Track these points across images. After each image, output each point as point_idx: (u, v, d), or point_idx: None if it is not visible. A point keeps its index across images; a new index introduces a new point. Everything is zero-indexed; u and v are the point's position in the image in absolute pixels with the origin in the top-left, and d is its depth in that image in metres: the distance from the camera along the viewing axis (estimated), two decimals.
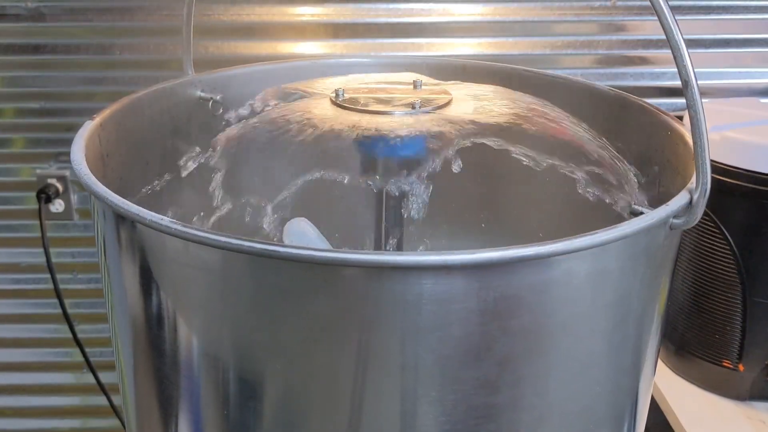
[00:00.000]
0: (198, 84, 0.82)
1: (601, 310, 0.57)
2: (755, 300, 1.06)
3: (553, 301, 0.55)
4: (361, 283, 0.52)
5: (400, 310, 0.52)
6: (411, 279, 0.52)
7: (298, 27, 1.28)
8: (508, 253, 0.51)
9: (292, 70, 0.87)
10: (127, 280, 0.60)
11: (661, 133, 0.74)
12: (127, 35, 1.29)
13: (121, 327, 0.64)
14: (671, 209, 0.58)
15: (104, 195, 0.57)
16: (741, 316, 1.07)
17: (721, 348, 1.09)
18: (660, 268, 0.61)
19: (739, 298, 1.06)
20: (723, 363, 1.10)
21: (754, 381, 1.08)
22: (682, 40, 0.56)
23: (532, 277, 0.53)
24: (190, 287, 0.57)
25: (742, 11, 1.30)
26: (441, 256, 0.51)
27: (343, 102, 0.70)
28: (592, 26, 1.30)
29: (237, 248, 0.52)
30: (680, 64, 0.57)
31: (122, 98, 0.74)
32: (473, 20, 1.29)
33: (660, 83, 1.32)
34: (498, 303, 0.53)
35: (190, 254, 0.55)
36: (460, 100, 0.72)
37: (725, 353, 1.09)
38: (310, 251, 0.51)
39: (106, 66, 1.30)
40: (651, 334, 0.63)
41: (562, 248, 0.52)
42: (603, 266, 0.56)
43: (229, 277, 0.55)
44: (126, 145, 0.74)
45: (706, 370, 1.11)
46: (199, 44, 1.26)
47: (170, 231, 0.53)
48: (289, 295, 0.53)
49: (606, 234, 0.54)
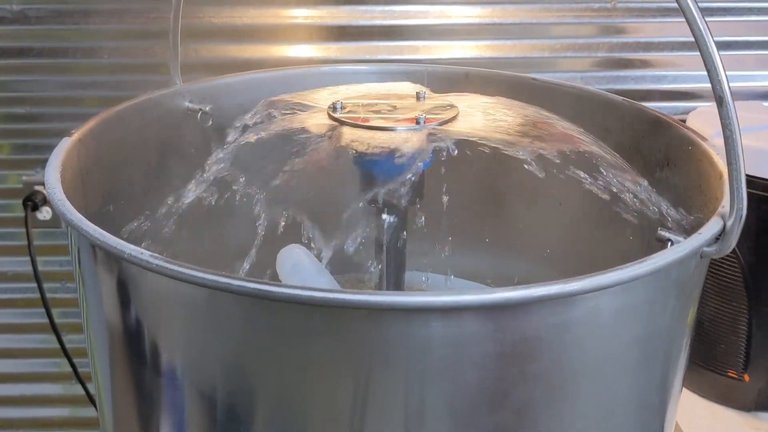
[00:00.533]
0: (186, 94, 0.75)
1: (627, 350, 0.51)
2: (761, 309, 1.02)
3: (577, 342, 0.48)
4: (364, 326, 0.46)
5: (407, 354, 0.46)
6: (419, 321, 0.45)
7: (292, 29, 1.23)
8: (528, 293, 0.45)
9: (286, 79, 0.80)
10: (107, 315, 0.53)
11: (680, 147, 0.67)
12: (115, 38, 1.23)
13: (101, 363, 0.57)
14: (704, 238, 0.51)
15: (79, 225, 0.50)
16: (746, 325, 1.04)
17: (726, 358, 1.05)
18: (689, 299, 0.55)
19: (744, 307, 1.02)
20: (728, 373, 1.06)
21: (759, 391, 1.05)
22: (717, 55, 0.49)
23: (554, 317, 0.47)
24: (175, 325, 0.50)
25: (744, 13, 1.26)
26: (452, 297, 0.44)
27: (342, 117, 0.63)
28: (591, 28, 1.26)
29: (225, 287, 0.45)
30: (714, 79, 0.50)
31: (104, 111, 0.67)
32: (471, 23, 1.24)
33: (661, 86, 1.27)
34: (516, 346, 0.47)
35: (173, 291, 0.48)
36: (466, 114, 0.65)
37: (730, 363, 1.05)
38: (308, 292, 0.44)
39: (93, 70, 1.24)
40: (678, 369, 0.56)
41: (588, 285, 0.46)
42: (631, 302, 0.49)
43: (217, 317, 0.48)
44: (108, 160, 0.67)
45: (711, 381, 1.07)
46: (189, 48, 1.21)
47: (151, 267, 0.47)
48: (284, 337, 0.47)
49: (636, 268, 0.47)
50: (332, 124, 0.62)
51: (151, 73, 1.22)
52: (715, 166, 0.61)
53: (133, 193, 0.67)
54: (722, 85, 0.50)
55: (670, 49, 1.27)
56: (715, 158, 0.62)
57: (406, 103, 0.66)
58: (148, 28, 1.21)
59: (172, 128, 0.74)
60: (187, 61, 1.23)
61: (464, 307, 0.45)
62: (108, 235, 0.49)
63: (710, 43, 0.49)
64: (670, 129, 0.70)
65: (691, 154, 0.66)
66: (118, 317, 0.52)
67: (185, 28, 1.23)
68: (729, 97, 0.50)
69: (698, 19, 0.49)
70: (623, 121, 0.74)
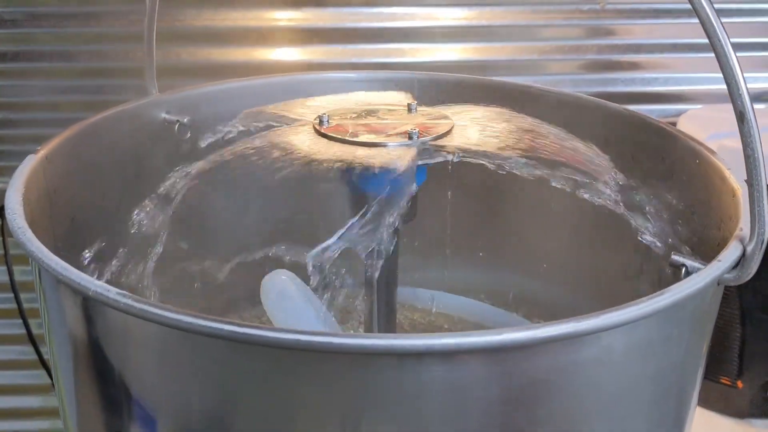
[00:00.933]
0: (162, 105, 0.69)
1: (641, 387, 0.46)
2: (754, 315, 0.99)
3: (588, 383, 0.43)
4: (356, 370, 0.40)
5: (403, 401, 0.41)
6: (418, 366, 0.40)
7: (275, 32, 1.18)
8: (538, 333, 0.40)
9: (269, 88, 0.74)
10: (75, 355, 0.48)
11: (686, 160, 0.62)
12: (93, 42, 1.17)
13: (68, 401, 0.51)
14: (724, 265, 0.46)
15: (41, 257, 0.45)
16: (740, 332, 1.01)
17: (719, 365, 1.02)
18: (704, 329, 0.50)
19: (737, 313, 0.99)
20: (721, 380, 1.02)
21: (753, 398, 1.02)
22: (738, 68, 0.44)
23: (564, 357, 0.42)
24: (146, 368, 0.45)
25: (735, 14, 1.22)
26: (454, 339, 0.39)
27: (329, 131, 0.57)
28: (580, 30, 1.22)
29: (201, 330, 0.39)
30: (735, 93, 0.45)
31: (73, 125, 0.62)
32: (458, 25, 1.19)
33: (651, 89, 1.23)
34: (524, 389, 0.41)
35: (142, 332, 0.42)
36: (460, 127, 0.60)
37: (724, 370, 1.02)
38: (291, 335, 0.39)
39: (72, 74, 1.18)
40: (692, 402, 0.52)
41: (603, 323, 0.41)
42: (647, 337, 0.44)
43: (192, 360, 0.42)
44: (79, 178, 0.61)
45: (705, 388, 1.03)
46: (170, 51, 1.16)
47: (119, 306, 0.41)
48: (266, 383, 0.41)
49: (653, 302, 0.42)
50: (319, 140, 0.56)
51: (131, 77, 1.16)
52: (727, 182, 0.56)
53: (107, 213, 0.61)
54: (743, 100, 0.45)
55: (660, 51, 1.23)
56: (727, 174, 0.57)
57: (397, 116, 0.61)
58: (127, 31, 1.15)
59: (149, 141, 0.68)
60: (167, 65, 1.18)
61: (468, 350, 0.39)
62: (72, 270, 0.43)
63: (731, 57, 0.44)
64: (674, 140, 0.65)
65: (698, 168, 0.61)
66: (87, 358, 0.47)
67: (165, 31, 1.18)
68: (751, 113, 0.45)
69: (719, 32, 0.44)
70: (624, 130, 0.69)
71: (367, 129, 0.57)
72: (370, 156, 0.54)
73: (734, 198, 0.54)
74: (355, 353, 0.39)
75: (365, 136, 0.56)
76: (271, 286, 0.56)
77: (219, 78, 1.00)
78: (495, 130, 0.60)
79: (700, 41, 1.21)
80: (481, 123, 0.61)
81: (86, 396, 0.49)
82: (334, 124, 0.58)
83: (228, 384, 0.42)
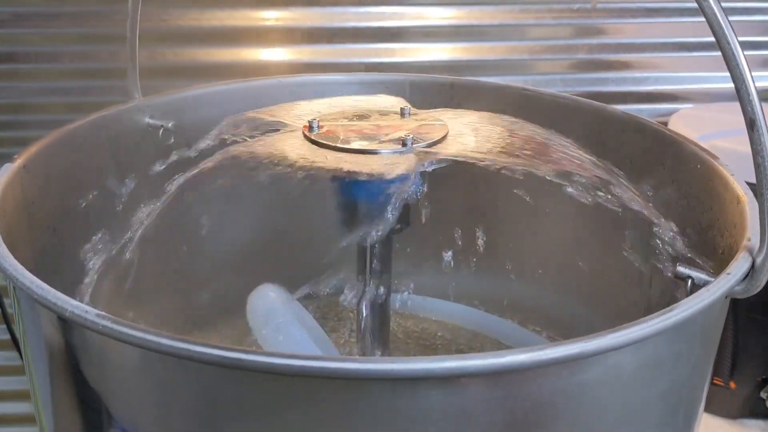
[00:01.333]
0: (146, 109, 0.66)
1: (649, 406, 0.43)
2: (747, 316, 0.98)
3: (595, 405, 0.40)
4: (347, 397, 0.37)
5: (401, 426, 0.38)
6: (415, 392, 0.37)
7: (263, 32, 1.14)
8: (543, 355, 0.37)
9: (256, 91, 0.70)
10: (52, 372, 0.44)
11: (687, 165, 0.60)
12: (79, 42, 1.14)
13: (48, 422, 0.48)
14: (734, 278, 0.43)
15: (15, 275, 0.41)
16: (732, 332, 1.00)
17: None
18: (713, 342, 0.47)
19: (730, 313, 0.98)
20: (714, 380, 1.00)
21: (745, 398, 1.01)
22: (748, 73, 0.41)
23: (570, 378, 0.39)
24: (126, 391, 0.41)
25: (726, 14, 1.19)
26: (455, 362, 0.36)
27: (319, 137, 0.54)
28: (571, 30, 1.19)
29: (184, 354, 0.36)
30: (745, 99, 0.42)
31: (53, 131, 0.58)
32: (448, 24, 1.16)
33: (642, 88, 1.21)
34: (528, 414, 0.39)
35: (123, 355, 0.39)
36: (455, 133, 0.57)
37: (716, 370, 1.00)
38: (280, 359, 0.36)
39: (57, 76, 1.15)
40: (699, 416, 0.49)
41: (611, 342, 0.38)
42: (655, 356, 0.41)
43: (175, 385, 0.39)
44: (58, 187, 0.58)
45: None
46: (156, 52, 1.12)
47: (97, 328, 0.38)
48: (253, 409, 0.38)
49: (665, 319, 0.39)
50: (309, 146, 0.53)
51: (117, 78, 1.13)
52: (731, 189, 0.53)
53: (88, 224, 0.58)
54: (754, 107, 0.42)
55: (651, 50, 1.20)
56: (731, 180, 0.54)
57: (390, 121, 0.58)
58: (113, 32, 1.11)
59: (132, 148, 0.64)
60: (152, 66, 1.14)
61: (469, 374, 0.36)
62: (48, 289, 0.40)
63: (741, 60, 0.41)
64: (674, 145, 0.62)
65: (700, 174, 0.58)
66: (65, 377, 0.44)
67: (150, 31, 1.14)
68: (762, 119, 0.42)
69: (728, 34, 0.41)
70: (622, 135, 0.66)
71: (360, 135, 0.54)
72: (363, 164, 0.51)
73: (739, 205, 0.51)
74: (347, 378, 0.36)
75: (357, 142, 0.53)
76: (257, 302, 0.52)
77: (205, 79, 0.97)
78: (491, 136, 0.57)
79: (691, 40, 1.19)
80: (476, 128, 0.58)
81: (64, 415, 0.46)
82: (325, 130, 0.55)
83: (212, 409, 0.39)
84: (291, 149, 0.52)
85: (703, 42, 1.18)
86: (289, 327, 0.51)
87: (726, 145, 0.93)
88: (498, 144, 0.56)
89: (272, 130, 0.56)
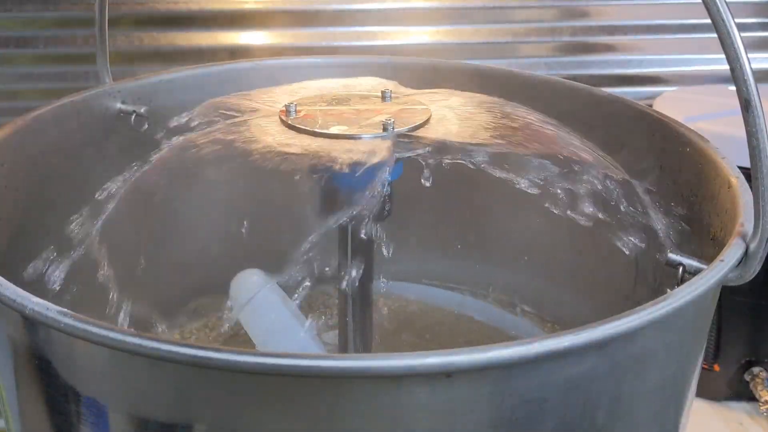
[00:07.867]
0: (117, 95, 0.63)
1: (643, 400, 0.41)
2: (730, 297, 0.94)
3: (585, 400, 0.38)
4: (331, 396, 0.35)
5: (384, 426, 0.35)
6: (398, 390, 0.35)
7: (242, 15, 1.12)
8: (532, 349, 0.35)
9: (232, 75, 0.68)
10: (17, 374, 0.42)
11: (674, 148, 0.58)
12: (52, 26, 1.11)
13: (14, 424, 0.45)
14: (727, 266, 0.41)
15: None
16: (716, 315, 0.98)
17: None
18: (704, 331, 0.45)
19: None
20: None
21: (730, 381, 0.99)
22: (744, 53, 0.39)
23: (560, 372, 0.37)
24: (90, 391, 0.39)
25: None
26: (441, 358, 0.34)
27: (296, 122, 0.52)
28: (555, 12, 1.17)
29: (153, 353, 0.34)
30: (740, 79, 0.40)
31: (17, 119, 0.55)
32: (431, 7, 1.14)
33: (626, 71, 1.19)
34: (516, 410, 0.36)
35: (89, 354, 0.37)
36: (438, 116, 0.54)
37: None
38: (254, 357, 0.33)
39: (31, 61, 1.12)
40: (688, 407, 0.47)
41: (602, 335, 0.36)
42: (647, 348, 0.39)
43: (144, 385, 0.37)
44: (24, 179, 0.55)
45: None
46: (133, 35, 1.10)
47: (60, 327, 0.35)
48: (225, 407, 0.36)
49: (657, 309, 0.37)
50: (286, 131, 0.50)
51: (93, 63, 1.10)
52: (721, 173, 0.51)
53: (57, 217, 0.55)
54: (749, 87, 0.40)
55: (634, 32, 1.19)
56: (721, 163, 0.52)
57: (370, 105, 0.55)
58: (87, 15, 1.08)
59: (103, 135, 0.61)
60: (130, 51, 1.12)
61: (455, 370, 0.34)
62: (8, 285, 0.37)
63: (736, 39, 0.39)
64: (662, 127, 0.60)
65: (688, 157, 0.56)
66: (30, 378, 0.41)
67: (127, 15, 1.11)
68: (757, 100, 0.40)
69: (723, 12, 0.39)
70: (609, 117, 0.64)
71: (339, 119, 0.52)
72: (342, 150, 0.48)
73: (730, 189, 0.49)
74: (323, 377, 0.34)
75: (337, 127, 0.51)
76: (241, 290, 0.50)
77: (184, 63, 0.94)
78: (474, 118, 0.55)
79: (676, 22, 1.18)
80: (459, 111, 0.56)
81: (31, 416, 0.43)
82: (303, 114, 0.53)
83: (184, 408, 0.37)
84: (267, 134, 0.50)
85: (687, 24, 1.17)
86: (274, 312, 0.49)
87: (711, 127, 0.90)
88: (482, 126, 0.54)
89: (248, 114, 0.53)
